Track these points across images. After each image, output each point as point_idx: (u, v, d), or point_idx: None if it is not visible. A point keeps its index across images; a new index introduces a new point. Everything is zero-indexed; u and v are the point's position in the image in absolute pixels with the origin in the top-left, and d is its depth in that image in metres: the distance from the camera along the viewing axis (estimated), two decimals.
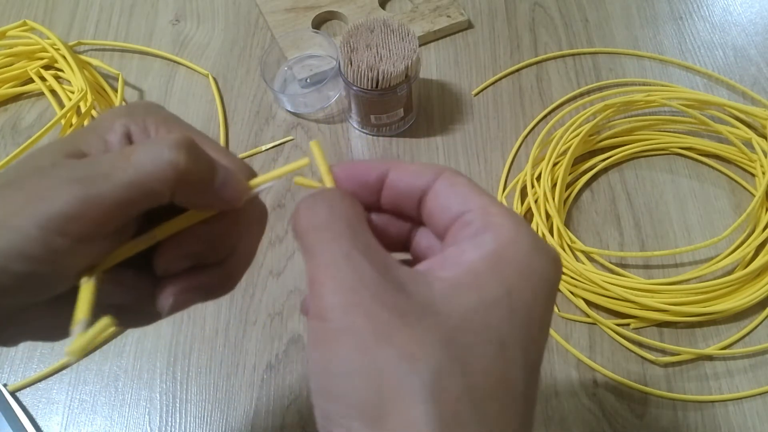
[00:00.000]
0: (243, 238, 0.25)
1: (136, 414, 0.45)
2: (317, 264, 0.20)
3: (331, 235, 0.20)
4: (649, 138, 0.55)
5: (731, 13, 0.63)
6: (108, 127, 0.24)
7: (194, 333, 0.47)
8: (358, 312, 0.18)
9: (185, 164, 0.21)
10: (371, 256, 0.19)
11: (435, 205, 0.22)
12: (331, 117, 0.58)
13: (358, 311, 0.18)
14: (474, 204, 0.21)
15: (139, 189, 0.21)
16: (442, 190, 0.22)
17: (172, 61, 0.62)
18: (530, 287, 0.20)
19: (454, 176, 0.22)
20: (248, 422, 0.44)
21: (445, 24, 0.62)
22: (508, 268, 0.20)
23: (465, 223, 0.21)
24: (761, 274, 0.47)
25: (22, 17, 0.63)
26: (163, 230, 0.23)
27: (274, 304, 0.48)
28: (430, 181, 0.22)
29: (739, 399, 0.44)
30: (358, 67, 0.50)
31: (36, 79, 0.59)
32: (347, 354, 0.18)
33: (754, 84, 0.58)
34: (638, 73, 0.60)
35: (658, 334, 0.46)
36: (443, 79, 0.60)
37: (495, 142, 0.56)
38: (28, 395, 0.45)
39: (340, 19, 0.64)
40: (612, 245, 0.50)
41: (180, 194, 0.22)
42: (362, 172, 0.23)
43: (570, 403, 0.44)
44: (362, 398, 0.17)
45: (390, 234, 0.24)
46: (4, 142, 0.57)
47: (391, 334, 0.18)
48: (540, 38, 0.62)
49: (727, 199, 0.52)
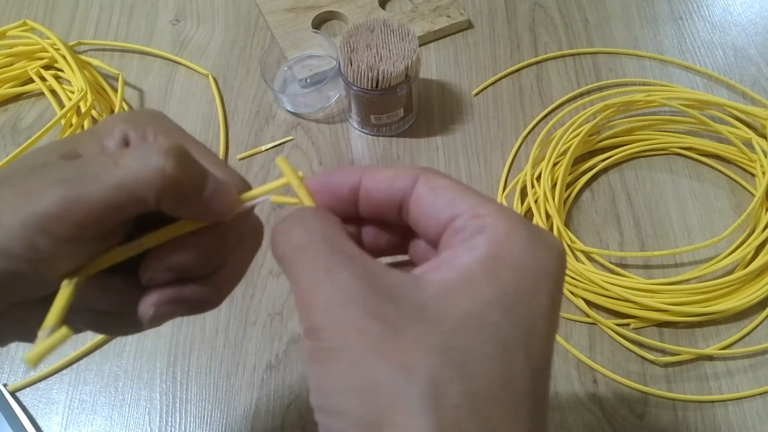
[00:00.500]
0: (234, 253, 0.25)
1: (136, 414, 0.45)
2: (301, 287, 0.19)
3: (309, 255, 0.20)
4: (649, 138, 0.55)
5: (731, 13, 0.63)
6: (107, 132, 0.24)
7: (194, 333, 0.47)
8: (350, 329, 0.18)
9: (172, 171, 0.21)
10: (354, 268, 0.19)
11: (420, 215, 0.21)
12: (331, 117, 0.58)
13: (349, 328, 0.18)
14: (462, 207, 0.20)
15: (124, 192, 0.21)
16: (423, 197, 0.21)
17: (172, 61, 0.62)
18: (529, 283, 0.19)
19: (432, 179, 0.21)
20: (248, 422, 0.44)
21: (445, 24, 0.62)
22: (503, 267, 0.19)
23: (456, 230, 0.20)
24: (761, 274, 0.47)
25: (22, 17, 0.63)
26: (150, 239, 0.23)
27: (274, 304, 0.48)
28: (407, 187, 0.21)
29: (739, 399, 0.44)
30: (358, 67, 0.50)
31: (36, 79, 0.59)
32: (342, 372, 0.18)
33: (754, 84, 0.58)
34: (638, 73, 0.60)
35: (658, 334, 0.46)
36: (443, 79, 0.60)
37: (495, 142, 0.56)
38: (28, 395, 0.45)
39: (340, 19, 0.64)
40: (612, 245, 0.50)
41: (166, 202, 0.21)
42: (335, 184, 0.22)
43: (570, 403, 0.44)
44: (360, 415, 0.17)
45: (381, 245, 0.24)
46: (4, 142, 0.57)
47: (384, 348, 0.17)
48: (540, 38, 0.62)
49: (727, 199, 0.52)
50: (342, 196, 0.22)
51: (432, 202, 0.21)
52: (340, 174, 0.22)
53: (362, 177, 0.22)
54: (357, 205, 0.23)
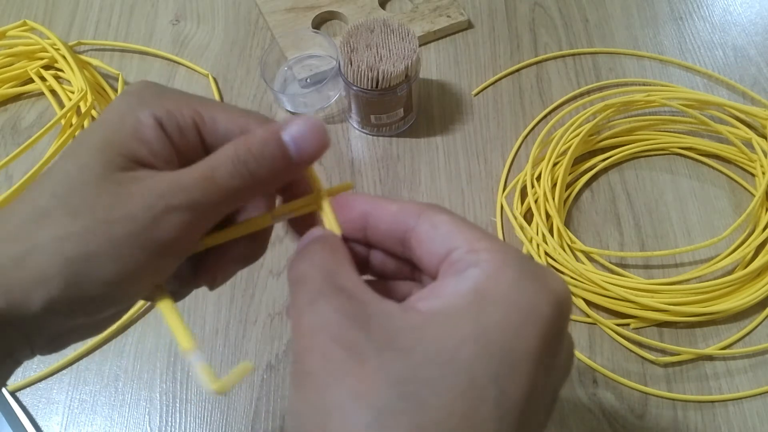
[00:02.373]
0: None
1: (136, 414, 0.45)
2: (292, 314, 0.21)
3: (304, 286, 0.21)
4: (649, 138, 0.55)
5: (731, 13, 0.63)
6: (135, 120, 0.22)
7: (194, 333, 0.47)
8: (316, 354, 0.19)
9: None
10: (337, 299, 0.19)
11: (420, 250, 0.22)
12: (331, 117, 0.58)
13: (316, 353, 0.19)
14: (459, 241, 0.20)
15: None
16: (423, 233, 0.21)
17: (172, 61, 0.62)
18: (513, 322, 0.18)
19: (435, 215, 0.22)
20: (248, 422, 0.44)
21: (445, 24, 0.62)
22: (487, 302, 0.19)
23: (451, 262, 0.20)
24: (761, 274, 0.47)
25: (22, 17, 0.63)
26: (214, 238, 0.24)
27: (274, 304, 0.48)
28: (410, 224, 0.22)
29: (739, 399, 0.44)
30: (358, 67, 0.50)
31: (36, 79, 0.59)
32: (306, 395, 0.18)
33: (754, 84, 0.58)
34: (638, 73, 0.60)
35: (658, 334, 0.46)
36: (443, 79, 0.60)
37: (495, 142, 0.56)
38: (28, 395, 0.45)
39: (340, 19, 0.64)
40: (612, 245, 0.50)
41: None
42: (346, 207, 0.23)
43: (570, 403, 0.44)
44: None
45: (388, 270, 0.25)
46: (4, 142, 0.57)
47: (344, 374, 0.18)
48: (540, 38, 0.62)
49: (727, 199, 0.52)
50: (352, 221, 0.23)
51: (431, 238, 0.21)
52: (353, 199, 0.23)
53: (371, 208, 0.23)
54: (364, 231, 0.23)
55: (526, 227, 0.50)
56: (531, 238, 0.49)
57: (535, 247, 0.49)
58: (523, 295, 0.19)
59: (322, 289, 0.20)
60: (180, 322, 0.22)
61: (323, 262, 0.21)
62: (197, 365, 0.20)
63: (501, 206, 0.52)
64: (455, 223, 0.21)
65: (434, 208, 0.22)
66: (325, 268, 0.21)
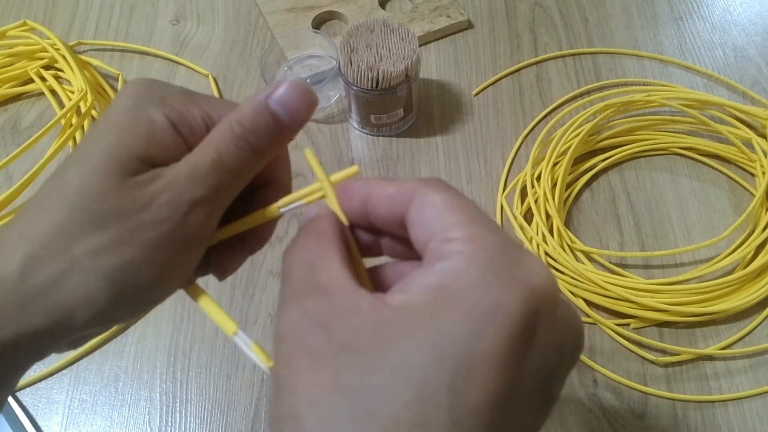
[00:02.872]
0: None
1: (136, 414, 0.45)
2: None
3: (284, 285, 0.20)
4: (649, 138, 0.55)
5: (731, 13, 0.63)
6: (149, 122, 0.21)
7: (194, 333, 0.47)
8: (281, 360, 0.19)
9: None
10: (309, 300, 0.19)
11: (412, 237, 0.20)
12: (331, 117, 0.58)
13: (282, 360, 0.19)
14: (438, 228, 0.19)
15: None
16: (413, 216, 0.20)
17: (172, 61, 0.62)
18: (474, 321, 0.17)
19: (425, 195, 0.20)
20: (248, 422, 0.44)
21: (445, 24, 0.62)
22: (447, 300, 0.17)
23: (429, 252, 0.19)
24: (761, 274, 0.47)
25: (22, 17, 0.63)
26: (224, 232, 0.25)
27: (274, 304, 0.48)
28: (406, 207, 0.21)
29: (739, 399, 0.44)
30: (358, 67, 0.50)
31: (36, 79, 0.59)
32: (272, 399, 0.19)
33: (754, 84, 0.58)
34: (638, 73, 0.60)
35: (658, 334, 0.46)
36: (443, 79, 0.60)
37: (495, 142, 0.56)
38: (28, 395, 0.45)
39: (340, 19, 0.64)
40: (612, 245, 0.50)
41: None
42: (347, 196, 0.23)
43: (570, 403, 0.44)
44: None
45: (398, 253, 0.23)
46: (4, 142, 0.57)
47: (301, 381, 0.18)
48: (540, 38, 0.62)
49: (727, 199, 0.52)
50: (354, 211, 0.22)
51: (418, 222, 0.20)
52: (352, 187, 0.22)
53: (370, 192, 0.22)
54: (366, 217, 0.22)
55: (526, 227, 0.50)
56: (531, 238, 0.49)
57: (535, 247, 0.49)
58: (487, 292, 0.17)
59: (298, 288, 0.20)
60: (219, 309, 0.22)
61: (305, 256, 0.21)
62: (247, 346, 0.21)
63: (501, 206, 0.52)
64: (442, 206, 0.19)
65: (428, 186, 0.20)
66: (306, 263, 0.20)
